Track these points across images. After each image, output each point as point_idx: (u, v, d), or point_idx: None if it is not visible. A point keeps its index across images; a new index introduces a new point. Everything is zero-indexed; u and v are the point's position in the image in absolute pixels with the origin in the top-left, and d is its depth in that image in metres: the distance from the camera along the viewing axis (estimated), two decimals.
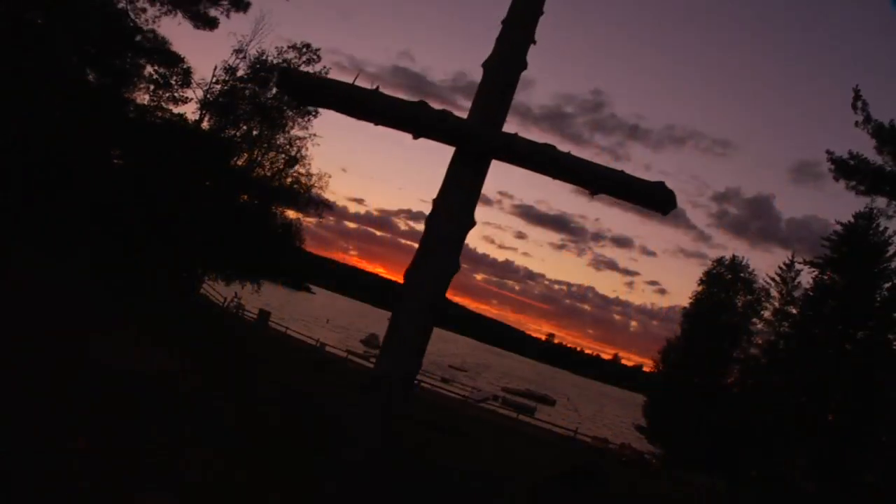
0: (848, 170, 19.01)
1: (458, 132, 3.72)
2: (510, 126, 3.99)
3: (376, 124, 3.91)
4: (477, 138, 3.61)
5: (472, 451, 10.79)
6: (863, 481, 24.61)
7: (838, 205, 51.42)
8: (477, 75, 4.29)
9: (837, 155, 19.46)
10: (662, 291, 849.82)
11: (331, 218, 39.51)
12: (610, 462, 22.70)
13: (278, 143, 28.82)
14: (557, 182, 3.72)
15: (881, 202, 19.88)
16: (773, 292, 30.78)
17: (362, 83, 3.88)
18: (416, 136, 3.83)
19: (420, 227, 3.71)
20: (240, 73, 26.97)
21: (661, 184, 3.33)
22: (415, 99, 3.69)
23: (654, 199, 3.37)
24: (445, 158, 3.98)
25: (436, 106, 3.80)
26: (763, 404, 28.37)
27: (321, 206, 30.67)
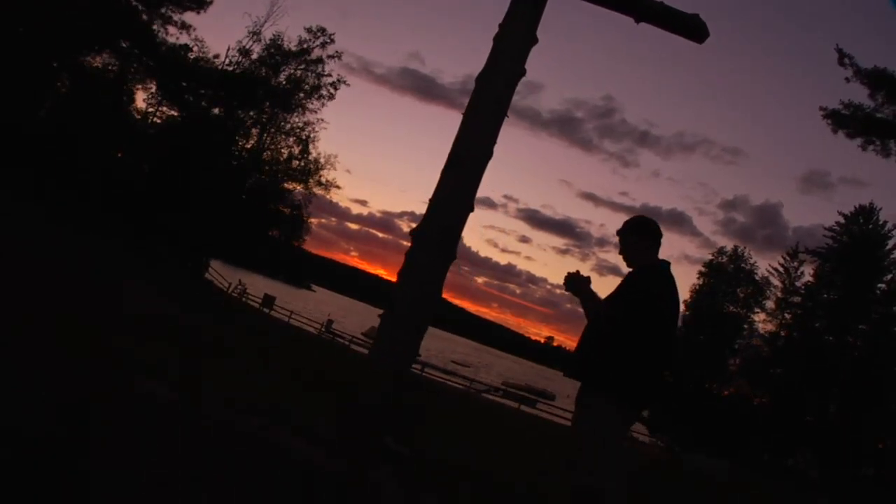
0: (843, 119, 19.13)
1: None
2: (519, 129, 4.21)
3: None
4: None
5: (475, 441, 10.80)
6: (861, 473, 24.76)
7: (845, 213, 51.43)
8: None
9: (831, 108, 19.55)
10: None
11: (332, 219, 39.40)
12: None
13: (288, 127, 28.97)
14: (563, 187, 3.97)
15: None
16: (776, 282, 30.79)
17: None
18: None
19: None
20: (254, 55, 27.18)
21: (696, 15, 3.86)
22: (424, 102, 3.91)
23: (688, 27, 3.86)
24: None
25: (444, 108, 4.02)
26: (764, 395, 28.54)
27: (328, 186, 30.43)
